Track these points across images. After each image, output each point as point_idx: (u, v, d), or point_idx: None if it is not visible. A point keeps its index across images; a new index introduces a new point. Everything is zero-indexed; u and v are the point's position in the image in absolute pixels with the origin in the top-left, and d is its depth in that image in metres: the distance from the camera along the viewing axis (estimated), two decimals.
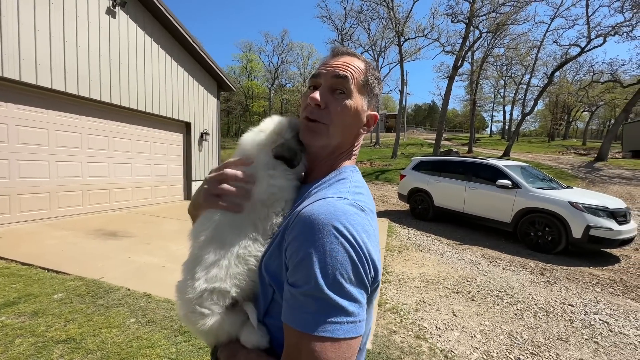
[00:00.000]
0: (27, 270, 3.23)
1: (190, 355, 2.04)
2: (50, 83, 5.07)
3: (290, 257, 0.49)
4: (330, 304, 0.45)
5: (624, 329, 2.77)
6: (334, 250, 0.46)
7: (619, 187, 11.58)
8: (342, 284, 0.45)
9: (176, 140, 8.22)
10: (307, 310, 0.45)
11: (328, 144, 0.61)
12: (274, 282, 0.53)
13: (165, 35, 7.48)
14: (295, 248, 0.48)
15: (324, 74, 0.61)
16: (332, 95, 0.60)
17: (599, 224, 4.54)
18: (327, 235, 0.46)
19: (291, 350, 0.46)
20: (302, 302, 0.46)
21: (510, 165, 6.08)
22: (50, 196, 5.35)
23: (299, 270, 0.47)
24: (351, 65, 0.61)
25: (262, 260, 0.56)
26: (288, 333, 0.47)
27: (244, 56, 40.65)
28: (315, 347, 0.44)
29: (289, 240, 0.50)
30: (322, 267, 0.45)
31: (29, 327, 2.24)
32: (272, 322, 0.55)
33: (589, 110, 32.88)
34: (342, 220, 0.48)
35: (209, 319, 0.55)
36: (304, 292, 0.46)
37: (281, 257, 0.52)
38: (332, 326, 0.44)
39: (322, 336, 0.44)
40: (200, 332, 0.57)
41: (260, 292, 0.57)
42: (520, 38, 22.22)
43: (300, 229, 0.49)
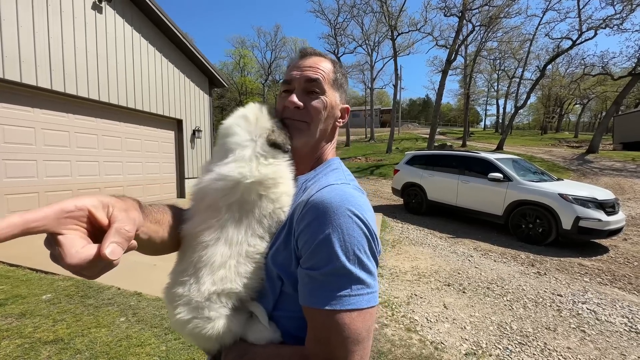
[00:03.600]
0: (14, 271, 3.19)
1: (180, 353, 2.03)
2: (35, 81, 4.96)
3: (305, 243, 0.51)
4: (353, 278, 0.49)
5: (610, 318, 2.83)
6: (351, 229, 0.50)
7: (610, 178, 11.74)
8: (361, 259, 0.50)
9: (168, 138, 8.13)
10: (330, 288, 0.48)
11: (310, 140, 0.65)
12: (283, 274, 0.55)
13: (154, 31, 7.35)
14: (310, 233, 0.50)
15: (297, 79, 0.65)
16: (308, 96, 0.64)
17: (588, 215, 4.60)
18: (342, 216, 0.50)
19: (318, 331, 0.49)
20: (323, 282, 0.49)
21: (501, 158, 6.12)
22: (39, 196, 5.27)
23: (317, 253, 0.50)
24: (320, 66, 0.66)
25: (268, 256, 0.57)
26: (312, 315, 0.50)
27: (237, 52, 40.15)
28: (344, 321, 0.47)
29: (300, 228, 0.52)
30: (342, 245, 0.49)
31: (16, 328, 2.21)
32: (282, 314, 0.57)
33: (581, 103, 33.17)
34: (352, 203, 0.52)
35: (217, 322, 0.53)
36: (326, 272, 0.49)
37: (288, 248, 0.54)
38: (356, 298, 0.48)
39: (349, 309, 0.48)
40: (205, 339, 0.55)
41: (268, 287, 0.57)
42: (513, 31, 22.29)
43: (314, 214, 0.51)
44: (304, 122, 0.64)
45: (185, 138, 8.44)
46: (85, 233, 0.40)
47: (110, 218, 0.41)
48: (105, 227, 0.41)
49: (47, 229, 0.37)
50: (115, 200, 0.44)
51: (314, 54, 0.69)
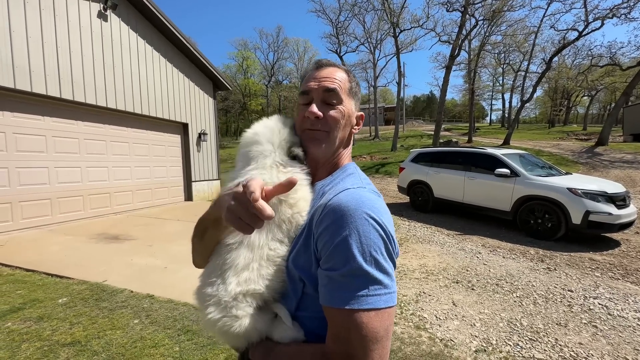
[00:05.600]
0: (31, 276, 3.27)
1: (193, 353, 2.07)
2: (45, 90, 5.08)
3: (324, 246, 0.53)
4: (370, 279, 0.50)
5: (622, 312, 2.80)
6: (367, 231, 0.52)
7: (620, 171, 11.53)
8: (378, 260, 0.52)
9: (174, 142, 8.23)
10: (348, 288, 0.50)
11: (330, 148, 0.68)
12: (305, 276, 0.57)
13: (158, 37, 7.45)
14: (329, 236, 0.53)
15: (315, 89, 0.67)
16: (327, 106, 0.67)
17: (598, 209, 4.54)
18: (359, 219, 0.52)
19: (338, 330, 0.51)
20: (342, 282, 0.51)
21: (508, 153, 6.06)
22: (52, 202, 5.39)
23: (336, 255, 0.51)
24: (335, 76, 0.68)
25: (289, 259, 0.60)
26: (332, 314, 0.52)
27: (239, 54, 40.37)
28: (362, 320, 0.49)
29: (319, 231, 0.54)
30: (359, 246, 0.51)
31: (35, 331, 2.28)
32: (304, 314, 0.59)
33: (589, 94, 32.61)
34: (368, 205, 0.54)
35: (244, 320, 0.57)
36: (344, 273, 0.51)
37: (309, 251, 0.57)
38: (373, 298, 0.50)
39: (367, 309, 0.49)
40: (234, 336, 0.58)
41: (290, 289, 0.60)
42: (517, 24, 22.00)
43: (332, 218, 0.53)
44: (324, 132, 0.67)
45: (191, 141, 8.54)
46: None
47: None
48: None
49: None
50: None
51: (328, 64, 0.71)
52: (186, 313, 2.57)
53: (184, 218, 6.25)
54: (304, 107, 0.68)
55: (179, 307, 2.66)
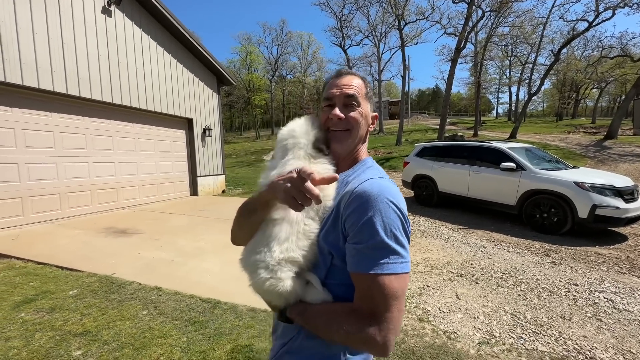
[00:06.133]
0: (42, 269, 3.36)
1: (200, 343, 2.12)
2: (52, 86, 5.14)
3: (352, 224, 0.64)
4: (390, 250, 0.62)
5: (628, 306, 2.79)
6: (388, 212, 0.64)
7: (630, 165, 11.34)
8: (397, 235, 0.64)
9: (179, 137, 8.29)
10: (373, 257, 0.62)
11: (351, 145, 0.80)
12: (334, 250, 0.69)
13: (162, 32, 7.46)
14: (356, 216, 0.64)
15: (337, 95, 0.79)
16: (347, 109, 0.79)
17: (605, 202, 4.49)
18: (381, 203, 0.64)
19: (364, 292, 0.63)
20: (368, 253, 0.62)
21: (514, 147, 6.00)
22: (61, 197, 5.49)
23: (362, 231, 0.63)
24: (354, 83, 0.80)
25: (320, 236, 0.71)
26: (359, 278, 0.64)
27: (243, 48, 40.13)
28: (384, 282, 0.61)
29: (347, 213, 0.66)
30: (382, 224, 0.63)
31: (48, 322, 2.35)
32: (331, 282, 0.71)
33: (599, 87, 31.95)
34: (388, 192, 0.66)
35: (286, 282, 0.69)
36: (369, 245, 0.62)
37: (337, 230, 0.68)
38: (393, 265, 0.62)
39: (388, 273, 0.61)
40: (277, 295, 0.70)
41: (320, 260, 0.72)
42: (525, 15, 21.49)
43: (359, 202, 0.65)
44: (346, 131, 0.79)
45: (196, 137, 8.59)
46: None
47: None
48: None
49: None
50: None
51: (347, 73, 0.83)
52: (193, 305, 2.62)
53: (189, 213, 6.32)
54: (328, 109, 0.80)
55: (186, 299, 2.72)
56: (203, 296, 2.76)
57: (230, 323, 2.36)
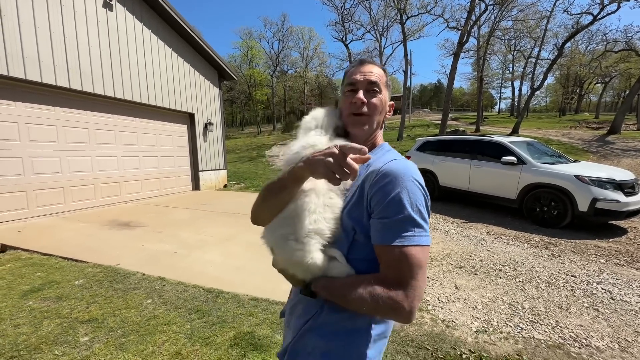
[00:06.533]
0: (48, 260, 3.42)
1: (203, 330, 2.17)
2: (54, 80, 5.17)
3: (379, 201, 0.68)
4: (416, 224, 0.67)
5: (625, 297, 2.82)
6: (414, 189, 0.69)
7: (632, 159, 11.31)
8: (421, 210, 0.69)
9: (181, 132, 8.32)
10: (400, 230, 0.66)
11: (371, 128, 0.85)
12: (358, 225, 0.72)
13: (163, 26, 7.45)
14: (383, 193, 0.68)
15: (361, 81, 0.83)
16: (369, 94, 0.83)
17: (606, 196, 4.50)
18: (407, 181, 0.69)
19: (392, 262, 0.67)
20: (395, 226, 0.67)
21: (515, 141, 6.00)
22: (64, 191, 5.55)
23: (390, 206, 0.67)
24: (375, 72, 0.85)
25: (344, 211, 0.75)
26: (386, 250, 0.68)
27: (244, 43, 39.90)
28: (411, 252, 0.65)
29: (373, 191, 0.70)
30: (408, 200, 0.67)
31: (55, 310, 2.41)
32: (354, 257, 0.74)
33: (603, 81, 31.57)
34: (412, 171, 0.71)
35: (315, 254, 0.70)
36: (397, 219, 0.67)
37: (361, 206, 0.72)
38: (418, 238, 0.67)
39: (414, 245, 0.66)
40: (305, 268, 0.72)
41: (343, 236, 0.75)
42: (529, 8, 21.22)
43: (386, 179, 0.69)
44: (367, 115, 0.83)
45: (197, 131, 8.61)
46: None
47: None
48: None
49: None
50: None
51: (369, 62, 0.88)
52: (196, 294, 2.67)
53: (192, 206, 6.38)
54: (350, 94, 0.84)
55: (189, 289, 2.77)
56: (206, 286, 2.81)
57: (232, 311, 2.41)
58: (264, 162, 16.72)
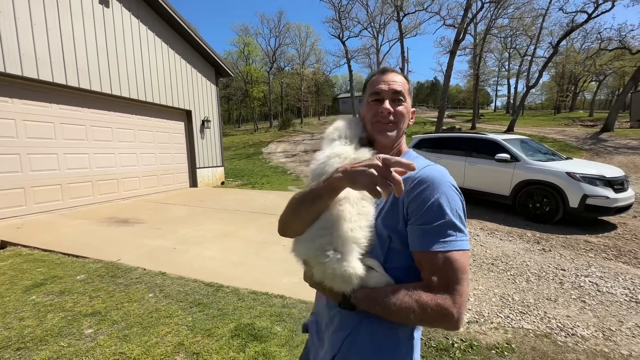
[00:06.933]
0: (48, 255, 3.46)
1: (205, 322, 2.24)
2: (51, 77, 5.16)
3: (417, 207, 0.68)
4: (457, 229, 0.67)
5: (611, 289, 2.93)
6: (452, 195, 0.70)
7: (624, 157, 11.50)
8: (460, 215, 0.69)
9: (178, 129, 8.33)
10: (442, 236, 0.66)
11: (397, 136, 0.86)
12: (393, 232, 0.72)
13: (160, 23, 7.43)
14: (422, 199, 0.68)
15: (386, 91, 0.84)
16: (394, 103, 0.85)
17: (596, 192, 4.62)
18: (446, 187, 0.69)
19: (435, 268, 0.66)
20: (437, 232, 0.66)
21: (509, 139, 6.10)
22: (62, 188, 5.56)
23: (430, 212, 0.67)
24: (398, 81, 0.86)
25: (378, 219, 0.74)
26: (428, 256, 0.67)
27: (241, 40, 39.63)
28: (455, 257, 0.65)
29: (411, 197, 0.70)
30: (448, 205, 0.67)
31: (58, 303, 2.46)
32: (390, 265, 0.73)
33: (597, 79, 31.95)
34: (449, 177, 0.72)
35: (355, 264, 0.69)
36: (437, 225, 0.66)
37: (396, 213, 0.72)
38: (460, 243, 0.67)
39: (456, 249, 0.66)
40: (344, 279, 0.69)
41: (378, 245, 0.73)
42: (525, 6, 21.42)
43: (423, 186, 0.69)
44: (393, 124, 0.84)
45: (195, 128, 8.62)
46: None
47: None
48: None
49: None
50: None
51: (391, 70, 0.89)
52: (197, 288, 2.74)
53: (190, 203, 6.42)
54: (375, 103, 0.85)
55: (190, 283, 2.83)
56: (206, 280, 2.88)
57: (232, 305, 2.48)
58: (261, 159, 16.75)
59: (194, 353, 1.93)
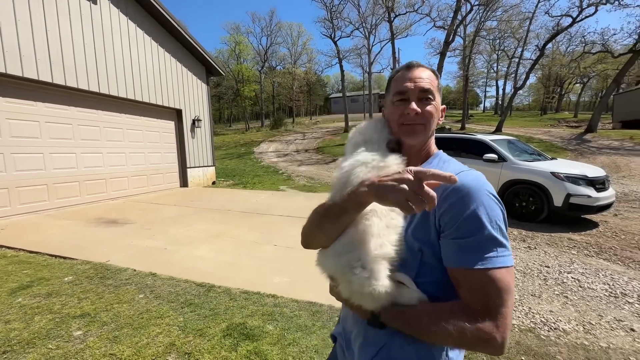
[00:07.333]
0: (35, 257, 3.39)
1: (196, 322, 2.24)
2: (36, 74, 5.04)
3: (452, 218, 0.62)
4: (498, 243, 0.60)
5: (592, 285, 3.04)
6: (491, 205, 0.62)
7: (606, 157, 11.87)
8: (501, 227, 0.62)
9: (168, 128, 8.23)
10: (482, 251, 0.59)
11: (425, 138, 0.78)
12: (424, 245, 0.66)
13: (149, 20, 7.33)
14: (457, 210, 0.61)
15: (412, 90, 0.76)
16: (422, 102, 0.76)
17: (579, 191, 4.77)
18: (484, 196, 0.62)
19: (475, 286, 0.60)
20: (475, 247, 0.60)
21: (496, 139, 6.24)
22: (48, 188, 5.44)
23: (467, 225, 0.60)
24: (427, 77, 0.78)
25: (408, 231, 0.67)
26: (467, 274, 0.60)
27: (232, 38, 39.33)
28: (498, 276, 0.58)
29: (444, 207, 0.63)
30: (487, 217, 0.60)
31: (46, 306, 2.43)
32: (422, 280, 0.67)
33: (581, 82, 32.89)
34: (487, 185, 0.65)
35: (385, 281, 0.63)
36: (476, 239, 0.60)
37: (427, 225, 0.66)
38: (503, 259, 0.60)
39: (499, 267, 0.59)
40: (373, 297, 0.64)
41: (410, 259, 0.67)
42: (513, 9, 21.89)
43: (458, 196, 0.62)
44: (422, 125, 0.76)
45: (185, 128, 8.54)
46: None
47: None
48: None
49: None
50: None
51: (418, 65, 0.80)
52: (188, 289, 2.73)
53: (180, 203, 6.36)
54: (400, 103, 0.77)
55: (181, 284, 2.82)
56: (197, 280, 2.87)
57: (224, 304, 2.48)
58: (253, 158, 16.67)
59: (185, 353, 1.93)
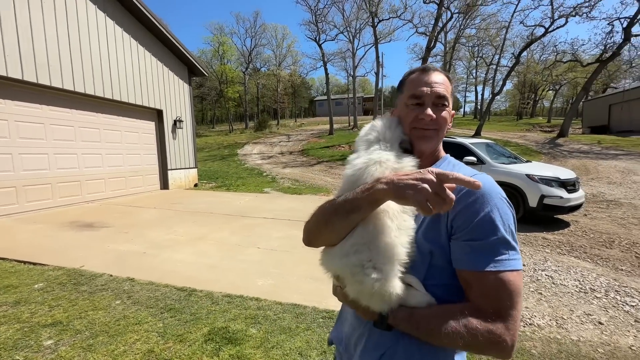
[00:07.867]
0: (1, 264, 3.19)
1: (176, 328, 2.18)
2: (5, 71, 4.78)
3: (465, 221, 0.62)
4: (509, 246, 0.61)
5: (564, 281, 3.19)
6: (504, 208, 0.63)
7: (577, 160, 12.51)
8: (513, 231, 0.63)
9: (148, 129, 7.99)
10: (494, 254, 0.60)
11: (437, 143, 0.79)
12: (435, 247, 0.65)
13: (129, 17, 7.12)
14: (470, 213, 0.62)
15: (428, 94, 0.75)
16: (437, 108, 0.76)
17: (552, 193, 5.01)
18: (497, 199, 0.63)
19: (486, 288, 0.60)
20: (488, 250, 0.60)
21: (476, 142, 6.45)
22: (17, 190, 5.15)
23: (480, 228, 0.61)
24: (441, 82, 0.77)
25: (419, 233, 0.67)
26: (478, 276, 0.61)
27: (215, 39, 38.75)
28: (509, 278, 0.59)
29: (456, 210, 0.63)
30: (500, 220, 0.61)
31: (13, 314, 2.29)
32: (431, 282, 0.67)
33: (554, 89, 34.56)
34: (498, 188, 0.66)
35: (395, 282, 0.62)
36: (490, 242, 0.60)
37: (438, 227, 0.66)
38: (514, 262, 0.61)
39: (510, 270, 0.60)
40: (383, 299, 0.63)
41: (419, 261, 0.66)
42: (490, 18, 22.81)
43: (472, 199, 0.62)
44: (435, 130, 0.76)
45: (166, 129, 8.32)
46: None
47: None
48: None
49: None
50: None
51: (433, 69, 0.80)
52: (168, 293, 2.65)
53: (160, 206, 6.18)
54: (415, 107, 0.76)
55: (161, 288, 2.74)
56: (178, 285, 2.79)
57: (206, 309, 2.43)
58: (236, 160, 16.44)
59: (165, 359, 1.87)
